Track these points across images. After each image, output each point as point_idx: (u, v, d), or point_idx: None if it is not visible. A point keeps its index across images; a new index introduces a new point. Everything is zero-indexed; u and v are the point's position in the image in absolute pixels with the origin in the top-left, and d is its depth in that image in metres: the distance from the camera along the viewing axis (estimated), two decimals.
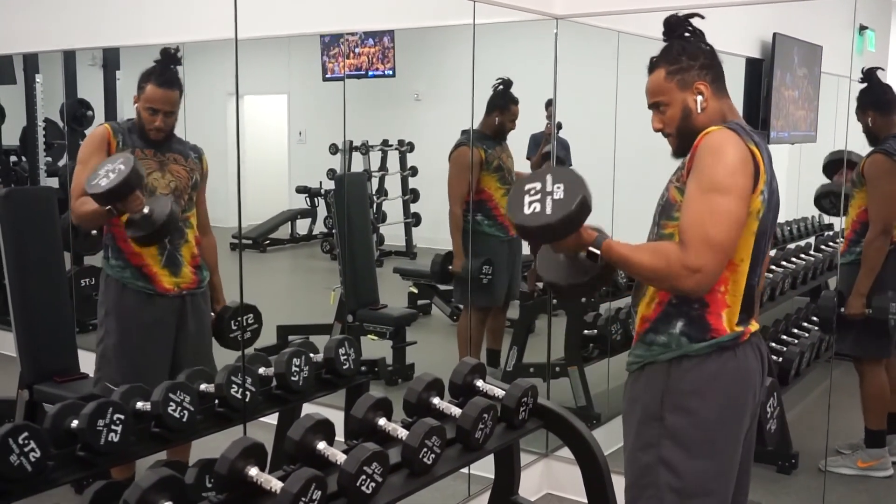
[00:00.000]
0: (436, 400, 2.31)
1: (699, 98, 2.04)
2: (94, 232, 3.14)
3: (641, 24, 3.59)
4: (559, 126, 4.06)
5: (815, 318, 4.34)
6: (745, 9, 4.12)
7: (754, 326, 2.11)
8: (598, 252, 1.96)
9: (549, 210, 1.94)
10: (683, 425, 2.03)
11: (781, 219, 5.21)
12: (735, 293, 2.01)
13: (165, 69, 3.03)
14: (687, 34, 2.09)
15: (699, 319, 2.01)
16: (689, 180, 1.96)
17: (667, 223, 2.05)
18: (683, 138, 2.05)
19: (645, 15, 3.45)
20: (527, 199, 1.98)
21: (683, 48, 2.07)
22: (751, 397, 2.08)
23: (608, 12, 3.46)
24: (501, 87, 4.32)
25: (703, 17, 2.11)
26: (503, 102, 4.32)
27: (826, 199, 4.54)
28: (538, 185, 1.98)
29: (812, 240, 5.64)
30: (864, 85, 3.71)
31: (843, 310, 3.67)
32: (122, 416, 2.11)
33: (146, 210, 2.77)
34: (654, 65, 2.10)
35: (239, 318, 3.15)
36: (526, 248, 4.66)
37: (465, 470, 3.32)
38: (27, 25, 4.70)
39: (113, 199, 2.67)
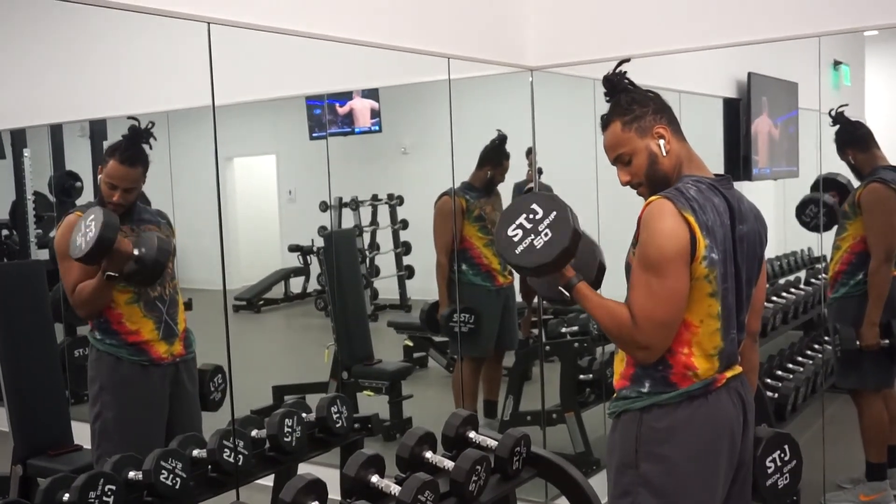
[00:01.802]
0: (428, 454, 2.32)
1: (661, 142, 2.06)
2: None
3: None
4: (540, 171, 4.11)
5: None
6: (719, 50, 4.21)
7: (733, 371, 2.10)
8: (566, 294, 2.06)
9: (541, 245, 1.98)
10: (656, 473, 2.03)
11: (770, 254, 5.26)
12: (703, 352, 2.02)
13: (130, 146, 2.96)
14: (628, 84, 2.13)
15: (663, 381, 2.04)
16: (636, 254, 2.01)
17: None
18: (653, 185, 2.08)
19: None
20: (516, 235, 2.02)
21: (632, 98, 2.10)
22: (726, 443, 2.06)
23: (580, 62, 3.53)
24: (497, 141, 4.37)
25: (629, 60, 2.15)
26: (496, 158, 4.39)
27: (808, 207, 4.44)
28: (524, 218, 2.02)
29: (802, 273, 5.66)
30: (837, 126, 3.77)
31: (855, 343, 3.65)
32: (113, 487, 2.11)
33: (136, 252, 2.77)
34: (606, 121, 2.12)
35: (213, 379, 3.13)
36: (519, 297, 4.68)
37: None
38: (13, 101, 4.77)
39: (101, 251, 2.66)
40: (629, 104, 2.09)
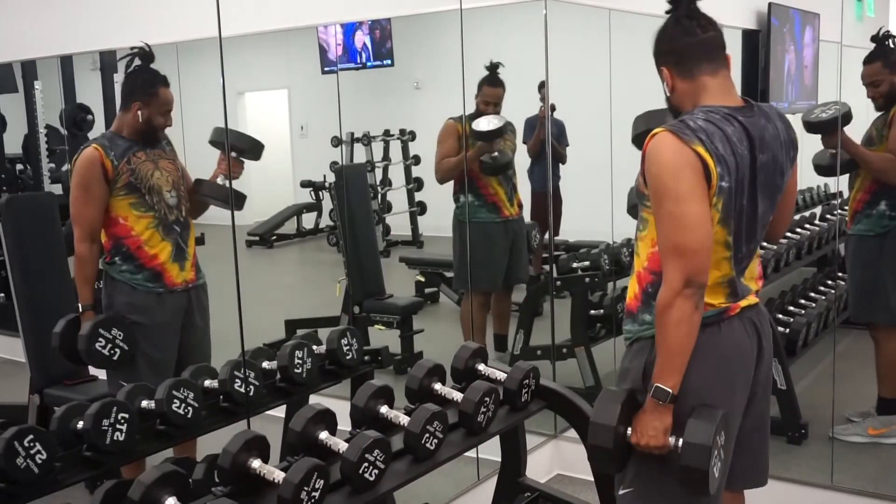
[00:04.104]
0: (437, 386, 2.33)
1: (664, 83, 2.11)
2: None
3: (632, 1, 3.57)
4: (553, 108, 4.05)
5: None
6: None
7: (748, 301, 2.09)
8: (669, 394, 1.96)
9: None
10: None
11: None
12: (712, 279, 1.99)
13: (161, 72, 3.09)
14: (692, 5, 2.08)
15: None
16: (649, 192, 1.99)
17: (641, 208, 2.10)
18: (674, 117, 2.10)
19: None
20: None
21: (655, 35, 2.11)
22: (740, 371, 2.07)
23: None
24: (487, 71, 4.32)
25: None
26: (480, 84, 4.33)
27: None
28: None
29: (818, 209, 5.62)
30: (875, 46, 3.64)
31: None
32: (126, 415, 2.14)
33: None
34: None
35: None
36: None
37: (473, 454, 3.33)
38: (23, 32, 4.72)
39: None
40: (655, 41, 2.12)
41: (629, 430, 2.01)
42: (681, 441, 1.96)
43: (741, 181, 1.98)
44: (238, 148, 3.22)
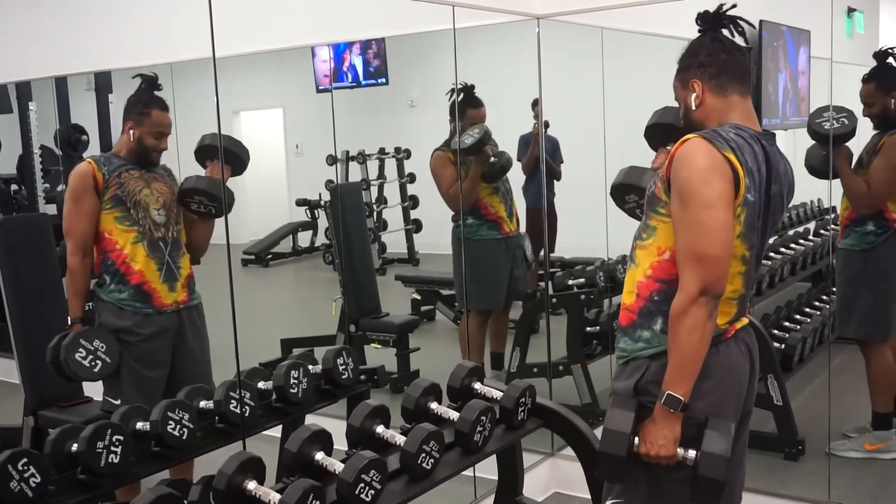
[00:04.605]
0: (433, 405, 2.33)
1: (693, 95, 2.08)
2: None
3: (624, 19, 3.59)
4: (546, 124, 4.06)
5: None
6: None
7: (741, 322, 2.10)
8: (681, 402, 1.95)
9: None
10: None
11: None
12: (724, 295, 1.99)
13: (156, 94, 3.13)
14: (723, 28, 2.09)
15: None
16: (672, 196, 1.97)
17: (651, 215, 2.06)
18: (689, 132, 2.08)
19: (627, 10, 3.46)
20: None
21: (690, 47, 2.11)
22: (735, 393, 2.07)
23: (588, 9, 3.46)
24: (461, 94, 4.15)
25: (735, 6, 2.11)
26: (460, 109, 4.18)
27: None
28: None
29: (812, 225, 5.63)
30: (875, 66, 3.66)
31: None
32: (121, 437, 2.13)
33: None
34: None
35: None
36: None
37: (470, 473, 3.32)
38: (18, 54, 4.73)
39: None
40: (685, 54, 2.12)
41: (636, 441, 2.00)
42: (690, 452, 1.96)
43: (760, 201, 2.00)
44: (231, 153, 3.20)
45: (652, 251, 2.05)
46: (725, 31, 2.10)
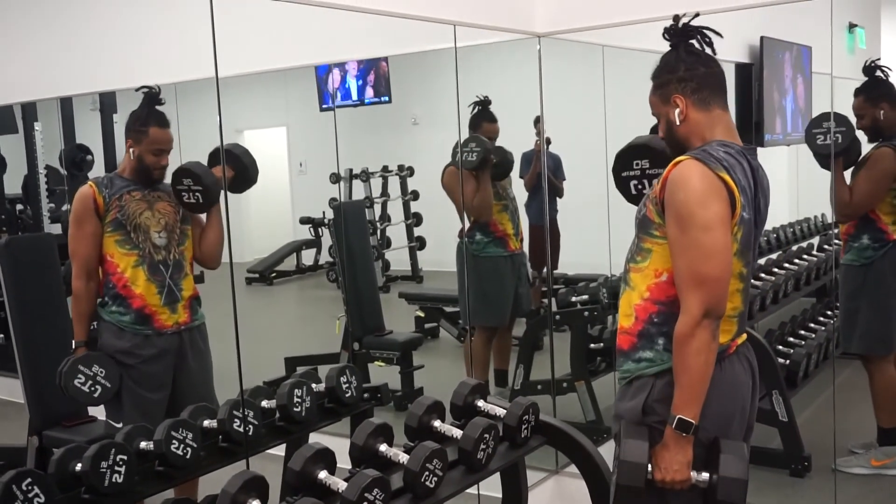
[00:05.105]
0: (437, 423, 2.33)
1: (676, 111, 2.06)
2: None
3: (625, 37, 3.61)
4: (548, 141, 4.09)
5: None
6: (730, 14, 4.15)
7: (742, 338, 2.11)
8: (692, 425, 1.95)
9: None
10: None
11: (784, 220, 5.22)
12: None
13: (156, 110, 3.11)
14: (691, 41, 2.10)
15: None
16: (668, 220, 1.96)
17: (645, 237, 2.07)
18: (673, 149, 2.11)
19: (628, 28, 3.48)
20: None
21: (666, 62, 2.10)
22: (740, 408, 2.07)
23: (589, 27, 3.48)
24: (478, 107, 4.37)
25: (698, 15, 2.11)
26: (475, 122, 4.38)
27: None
28: None
29: (815, 240, 5.62)
30: (867, 79, 3.71)
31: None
32: (124, 457, 2.13)
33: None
34: (650, 80, 2.15)
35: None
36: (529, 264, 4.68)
37: (473, 491, 3.30)
38: (23, 74, 4.77)
39: None
40: (661, 69, 2.10)
41: (649, 467, 1.99)
42: (703, 475, 1.96)
43: (753, 218, 2.00)
44: (240, 163, 3.22)
45: (648, 274, 2.05)
46: (695, 44, 2.10)
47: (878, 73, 3.71)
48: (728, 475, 1.93)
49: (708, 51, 2.11)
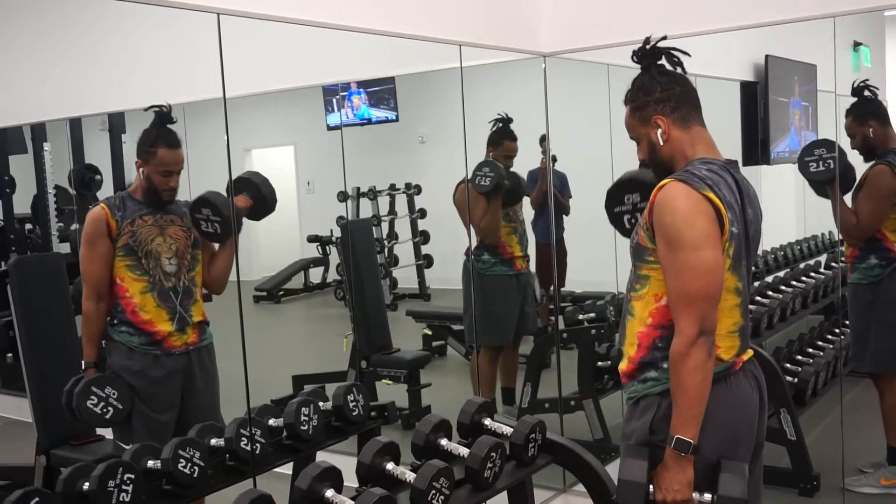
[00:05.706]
0: (443, 441, 2.33)
1: (658, 131, 2.09)
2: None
3: (630, 56, 3.63)
4: (554, 159, 4.10)
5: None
6: (735, 33, 4.17)
7: (747, 354, 2.11)
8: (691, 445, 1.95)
9: None
10: None
11: (791, 238, 5.22)
12: (724, 329, 2.01)
13: (169, 130, 3.09)
14: (659, 62, 2.13)
15: None
16: (658, 243, 1.98)
17: (641, 265, 2.09)
18: (658, 169, 2.13)
19: (633, 47, 3.50)
20: None
21: (641, 84, 2.13)
22: (748, 426, 2.07)
23: (594, 47, 3.51)
24: (500, 124, 4.39)
25: (665, 38, 2.14)
26: (496, 139, 4.41)
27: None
28: None
29: (823, 258, 5.61)
30: (855, 99, 3.74)
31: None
32: (132, 476, 2.14)
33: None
34: (624, 103, 2.18)
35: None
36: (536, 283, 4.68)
37: None
38: (33, 96, 4.81)
39: None
40: (637, 90, 2.13)
41: (650, 487, 1.99)
42: (706, 496, 1.95)
43: (742, 231, 2.01)
44: (259, 192, 3.23)
45: (649, 300, 2.06)
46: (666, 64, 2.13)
47: (867, 92, 3.74)
48: (727, 494, 1.93)
49: (679, 70, 2.13)
